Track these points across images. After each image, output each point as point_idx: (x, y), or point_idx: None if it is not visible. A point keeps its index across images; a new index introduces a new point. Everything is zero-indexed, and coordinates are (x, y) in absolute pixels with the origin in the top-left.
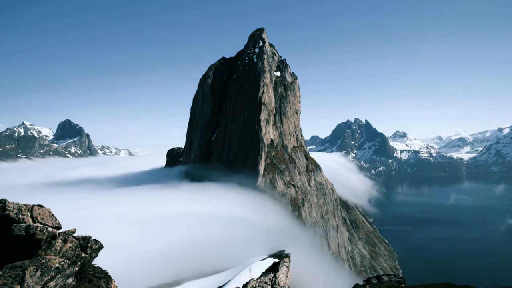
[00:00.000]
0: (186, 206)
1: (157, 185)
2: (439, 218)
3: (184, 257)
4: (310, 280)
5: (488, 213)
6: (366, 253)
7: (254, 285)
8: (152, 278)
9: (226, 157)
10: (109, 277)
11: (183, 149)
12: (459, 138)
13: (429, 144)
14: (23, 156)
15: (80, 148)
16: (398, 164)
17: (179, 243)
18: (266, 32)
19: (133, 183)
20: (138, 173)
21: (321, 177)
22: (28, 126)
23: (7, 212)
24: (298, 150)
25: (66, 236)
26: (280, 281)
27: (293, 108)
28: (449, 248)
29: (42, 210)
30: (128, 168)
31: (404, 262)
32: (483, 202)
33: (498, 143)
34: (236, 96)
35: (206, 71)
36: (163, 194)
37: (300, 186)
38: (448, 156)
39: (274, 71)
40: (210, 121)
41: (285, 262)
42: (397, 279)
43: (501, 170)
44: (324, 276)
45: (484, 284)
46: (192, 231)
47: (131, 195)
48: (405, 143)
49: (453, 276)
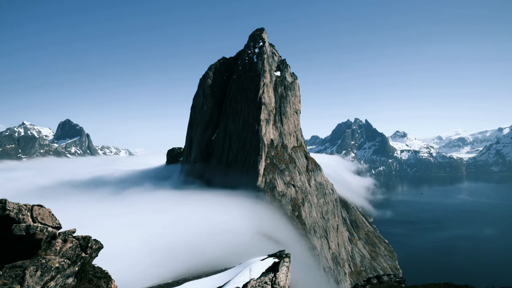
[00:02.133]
0: (186, 206)
1: (157, 186)
2: (439, 218)
3: (184, 257)
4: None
5: (488, 213)
6: (366, 253)
7: (254, 285)
8: (152, 278)
9: (226, 157)
10: (109, 277)
11: (183, 149)
12: (459, 138)
13: (429, 144)
14: (23, 156)
15: (80, 148)
16: (398, 164)
17: (179, 243)
18: (266, 32)
19: (133, 184)
20: (138, 173)
21: (321, 177)
22: (28, 126)
23: (7, 212)
24: (298, 150)
25: (66, 236)
26: (280, 281)
27: (293, 108)
28: (449, 248)
29: (42, 210)
30: (129, 167)
31: (404, 262)
32: (483, 202)
33: (498, 143)
34: (236, 96)
35: (206, 71)
36: (163, 195)
37: (300, 186)
38: (448, 156)
39: (274, 71)
40: (210, 121)
41: (285, 262)
42: (397, 279)
43: (501, 170)
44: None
45: (484, 284)
46: (192, 231)
47: (131, 198)
48: (405, 143)
49: (453, 276)
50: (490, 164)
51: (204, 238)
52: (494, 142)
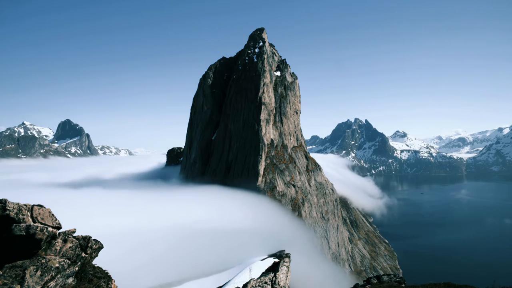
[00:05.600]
0: (186, 207)
1: (156, 186)
2: (439, 218)
3: (184, 257)
4: (308, 282)
5: (488, 213)
6: (366, 253)
7: (254, 285)
8: (153, 278)
9: (226, 157)
10: (109, 277)
11: (183, 149)
12: (459, 138)
13: (429, 144)
14: (23, 156)
15: (80, 148)
16: (398, 164)
17: (179, 243)
18: (266, 32)
19: (132, 184)
20: (137, 173)
21: (321, 177)
22: (28, 126)
23: (7, 212)
24: (298, 150)
25: (66, 236)
26: (280, 281)
27: (293, 108)
28: (449, 248)
29: (42, 210)
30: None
31: (404, 262)
32: (483, 202)
33: (498, 143)
34: (236, 96)
35: (206, 71)
36: (162, 196)
37: (300, 186)
38: (448, 156)
39: (274, 71)
40: (210, 121)
41: (285, 262)
42: (397, 279)
43: (501, 170)
44: (322, 278)
45: (484, 284)
46: (192, 231)
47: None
48: (405, 143)
49: (453, 276)
50: (490, 164)
51: (204, 238)
52: (494, 142)
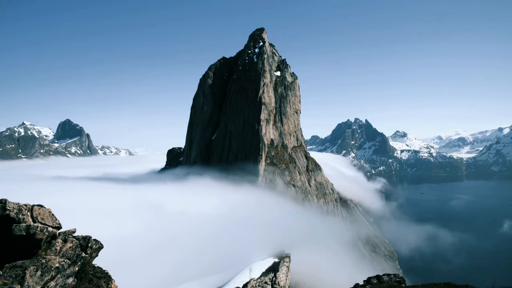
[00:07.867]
0: (186, 207)
1: (156, 184)
2: (439, 218)
3: (184, 257)
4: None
5: (488, 213)
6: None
7: (254, 285)
8: (152, 278)
9: (226, 157)
10: (109, 277)
11: (183, 149)
12: (459, 138)
13: (429, 144)
14: (23, 156)
15: (80, 148)
16: (398, 164)
17: (179, 243)
18: (266, 32)
19: (131, 184)
20: (138, 174)
21: (321, 177)
22: (28, 126)
23: (7, 212)
24: (298, 150)
25: (66, 236)
26: (280, 281)
27: (293, 108)
28: (449, 248)
29: (42, 210)
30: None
31: (404, 262)
32: (483, 202)
33: (498, 143)
34: (236, 96)
35: (206, 71)
36: (162, 193)
37: (300, 186)
38: (448, 156)
39: (274, 71)
40: (210, 121)
41: (285, 262)
42: (397, 279)
43: (501, 170)
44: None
45: (484, 284)
46: (192, 231)
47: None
48: (405, 143)
49: (453, 276)
50: (490, 164)
51: (204, 238)
52: (494, 142)
